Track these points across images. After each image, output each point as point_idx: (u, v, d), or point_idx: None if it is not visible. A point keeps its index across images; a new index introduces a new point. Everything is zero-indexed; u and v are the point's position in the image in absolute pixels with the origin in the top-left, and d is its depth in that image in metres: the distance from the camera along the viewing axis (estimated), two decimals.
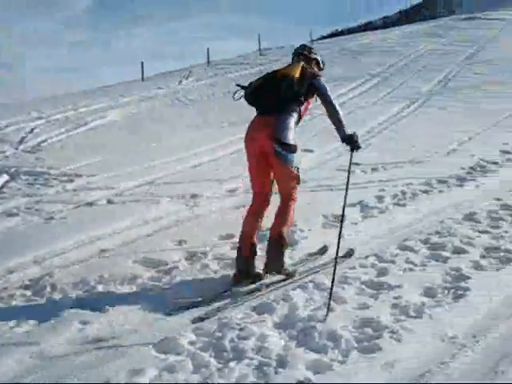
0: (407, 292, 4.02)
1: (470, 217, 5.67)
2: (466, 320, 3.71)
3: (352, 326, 3.52)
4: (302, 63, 3.86)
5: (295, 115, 3.74)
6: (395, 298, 3.95)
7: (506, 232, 5.22)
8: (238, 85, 3.92)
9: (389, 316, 3.69)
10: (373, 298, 3.97)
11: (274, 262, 3.83)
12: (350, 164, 4.06)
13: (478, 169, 7.66)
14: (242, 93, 3.83)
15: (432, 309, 3.78)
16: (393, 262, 4.59)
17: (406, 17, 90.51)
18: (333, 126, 3.87)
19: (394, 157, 8.59)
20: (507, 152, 8.53)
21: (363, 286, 4.17)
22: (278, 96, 3.63)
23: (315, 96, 3.84)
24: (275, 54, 24.51)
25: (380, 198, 6.42)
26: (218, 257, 4.65)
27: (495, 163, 7.93)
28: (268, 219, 4.13)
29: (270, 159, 3.71)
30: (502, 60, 18.24)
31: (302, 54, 4.07)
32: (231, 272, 4.18)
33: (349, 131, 3.85)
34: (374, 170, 7.94)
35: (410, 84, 15.34)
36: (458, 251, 4.78)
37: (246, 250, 3.88)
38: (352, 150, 3.91)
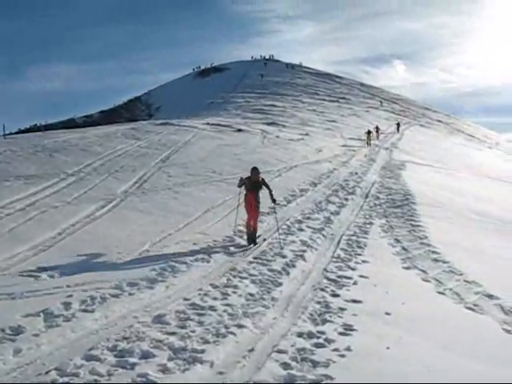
0: None
1: (159, 319, 6.10)
2: None
3: None
4: (258, 174, 10.90)
5: (259, 192, 10.83)
6: None
7: (193, 331, 5.79)
8: (241, 179, 11.04)
9: None
10: None
11: (255, 241, 10.67)
12: (274, 209, 12.17)
13: (169, 269, 8.36)
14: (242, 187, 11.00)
15: None
16: (76, 374, 4.53)
17: (108, 117, 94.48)
18: None
19: (85, 259, 8.68)
20: (196, 252, 9.62)
21: None
22: (255, 188, 10.76)
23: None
24: None
25: (67, 305, 6.36)
26: None
27: (185, 263, 8.80)
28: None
29: (253, 205, 10.66)
30: (193, 163, 20.87)
31: (256, 170, 10.96)
32: None
33: (275, 198, 11.23)
34: (62, 274, 7.89)
35: (106, 184, 15.92)
36: (146, 356, 5.05)
37: (250, 233, 10.68)
38: (274, 203, 11.14)
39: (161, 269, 8.37)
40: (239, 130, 35.64)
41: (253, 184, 10.94)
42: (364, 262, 9.72)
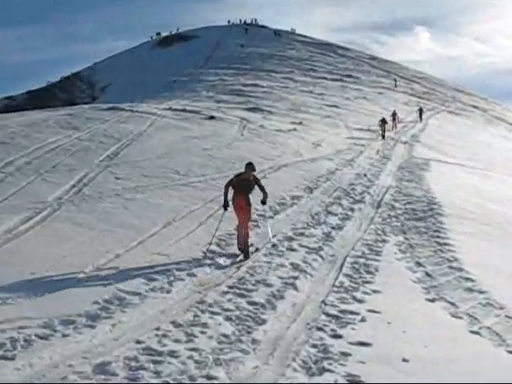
0: None
1: (102, 368, 6.09)
2: None
3: None
4: (252, 172, 11.98)
5: (250, 193, 12.04)
6: None
7: None
8: (226, 187, 11.98)
9: None
10: None
11: (247, 254, 11.55)
12: (265, 211, 13.79)
13: (116, 302, 8.34)
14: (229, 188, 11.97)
15: None
16: None
17: (37, 100, 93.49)
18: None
19: (5, 288, 8.65)
20: (152, 279, 9.59)
21: None
22: (244, 187, 11.85)
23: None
24: None
25: None
26: None
27: (138, 294, 8.80)
28: None
29: (244, 208, 11.79)
30: (149, 161, 20.89)
31: (251, 166, 12.01)
32: None
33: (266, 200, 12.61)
34: None
35: (33, 189, 15.83)
36: None
37: (239, 241, 11.87)
38: (263, 204, 12.65)
39: (105, 301, 8.32)
40: (211, 118, 35.74)
41: (241, 182, 11.89)
42: (375, 291, 9.79)
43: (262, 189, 12.21)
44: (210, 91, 61.04)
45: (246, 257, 11.54)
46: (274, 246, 12.35)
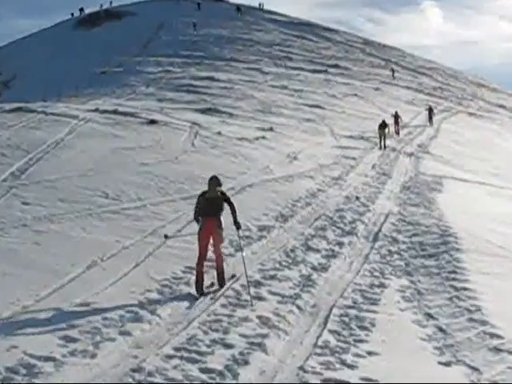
0: None
1: None
2: None
3: None
4: (218, 188, 13.15)
5: (221, 214, 13.16)
6: None
7: None
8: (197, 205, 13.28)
9: None
10: None
11: (222, 281, 13.14)
12: (240, 237, 14.28)
13: (23, 371, 8.26)
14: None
15: None
16: None
17: None
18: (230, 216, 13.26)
19: None
20: (72, 339, 9.53)
21: None
22: (214, 208, 13.01)
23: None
24: None
25: None
26: None
27: (52, 359, 8.71)
28: None
29: (213, 235, 13.04)
30: (68, 181, 20.72)
31: (216, 180, 13.19)
32: None
33: (238, 220, 13.40)
34: None
35: None
36: None
37: (199, 280, 12.83)
38: (238, 229, 13.56)
39: (8, 370, 8.28)
40: (152, 123, 35.75)
41: (207, 203, 13.05)
42: (371, 353, 9.83)
43: (230, 204, 13.22)
44: (150, 86, 61.12)
45: (222, 285, 13.01)
46: (236, 292, 12.37)
